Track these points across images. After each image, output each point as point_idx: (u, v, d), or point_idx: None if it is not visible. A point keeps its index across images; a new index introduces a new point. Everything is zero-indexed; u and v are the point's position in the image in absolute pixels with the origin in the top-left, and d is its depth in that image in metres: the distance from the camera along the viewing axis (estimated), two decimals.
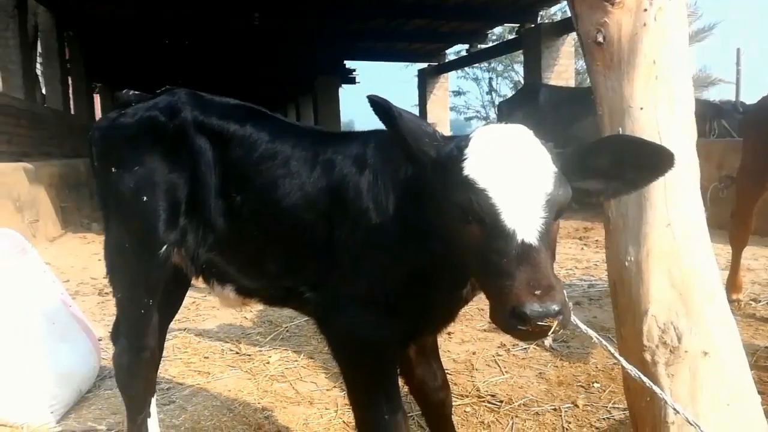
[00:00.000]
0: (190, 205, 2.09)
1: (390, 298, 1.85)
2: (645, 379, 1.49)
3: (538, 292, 1.26)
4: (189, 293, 5.24)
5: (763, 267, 5.63)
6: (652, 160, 1.53)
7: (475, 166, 1.44)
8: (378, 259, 1.86)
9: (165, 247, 2.08)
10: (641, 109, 1.91)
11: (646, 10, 1.89)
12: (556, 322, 1.26)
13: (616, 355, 1.57)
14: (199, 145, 2.07)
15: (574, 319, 1.43)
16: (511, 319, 1.28)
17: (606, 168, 1.55)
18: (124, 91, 2.30)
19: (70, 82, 15.34)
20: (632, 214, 1.84)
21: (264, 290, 2.13)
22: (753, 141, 4.14)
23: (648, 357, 1.59)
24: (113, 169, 2.14)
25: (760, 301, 4.48)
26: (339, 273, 1.89)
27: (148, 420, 2.41)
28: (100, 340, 3.55)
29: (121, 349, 2.28)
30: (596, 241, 7.43)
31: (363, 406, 1.93)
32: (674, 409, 1.47)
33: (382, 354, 1.88)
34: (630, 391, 1.68)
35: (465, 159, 1.46)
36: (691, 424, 1.41)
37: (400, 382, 2.08)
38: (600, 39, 1.97)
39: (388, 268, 1.85)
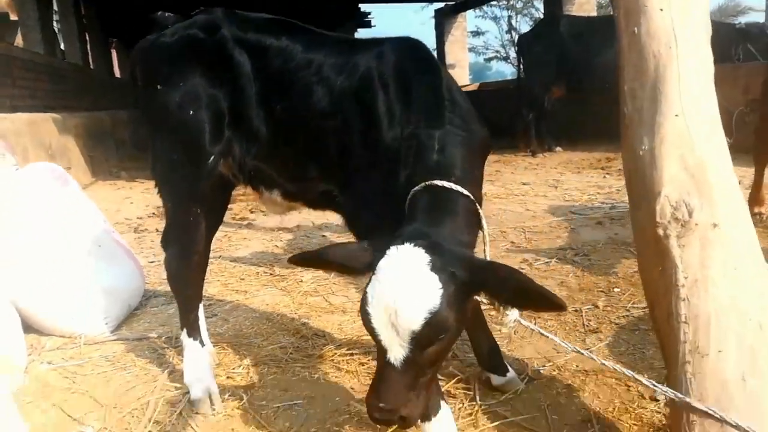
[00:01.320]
0: (234, 116, 2.22)
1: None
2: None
3: (381, 405, 1.52)
4: (221, 228, 5.56)
5: None
6: (545, 306, 1.60)
7: (370, 290, 1.57)
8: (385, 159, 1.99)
9: (212, 157, 2.23)
10: (661, 10, 1.98)
11: None
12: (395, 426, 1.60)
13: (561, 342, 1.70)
14: (238, 58, 2.19)
15: (520, 320, 1.63)
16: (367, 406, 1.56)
17: (504, 297, 1.59)
18: (160, 13, 2.42)
19: (87, 38, 15.42)
20: (647, 107, 1.93)
21: (305, 193, 2.30)
22: None
23: (661, 232, 1.70)
24: (158, 87, 2.27)
25: None
26: (360, 172, 2.04)
27: (199, 322, 2.62)
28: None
29: (172, 253, 2.45)
30: (618, 170, 7.46)
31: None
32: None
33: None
34: (643, 265, 1.80)
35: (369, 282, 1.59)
36: None
37: None
38: None
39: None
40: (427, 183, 1.79)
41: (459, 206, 1.79)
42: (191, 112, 2.21)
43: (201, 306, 2.68)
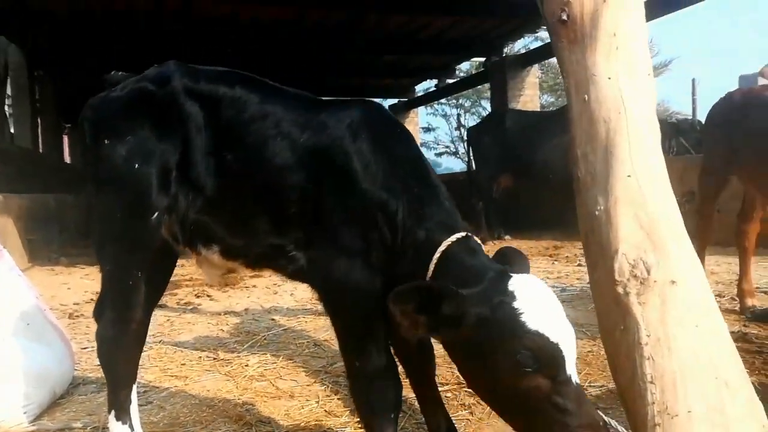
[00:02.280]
0: (181, 169, 2.14)
1: (372, 255, 1.94)
2: None
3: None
4: (162, 312, 5.28)
5: (725, 270, 5.81)
6: None
7: (537, 321, 1.64)
8: (361, 219, 1.96)
9: (157, 213, 2.12)
10: (609, 78, 2.06)
11: None
12: None
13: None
14: (189, 110, 2.14)
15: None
16: None
17: None
18: (113, 72, 2.37)
19: (39, 122, 15.24)
20: (600, 169, 1.95)
21: (250, 249, 2.17)
22: (710, 140, 4.36)
23: (620, 290, 1.66)
24: (105, 141, 2.18)
25: (724, 296, 4.62)
26: (328, 229, 1.97)
27: (131, 406, 2.38)
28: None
29: (106, 321, 2.25)
30: (566, 257, 7.58)
31: (356, 351, 1.98)
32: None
33: (373, 301, 1.94)
34: (604, 327, 1.74)
35: (522, 314, 1.64)
36: None
37: None
38: (564, 17, 2.11)
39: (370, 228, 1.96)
40: (459, 236, 1.91)
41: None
42: (137, 165, 2.12)
43: (135, 389, 2.44)
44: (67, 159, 20.52)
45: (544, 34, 14.32)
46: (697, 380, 1.50)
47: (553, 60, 17.93)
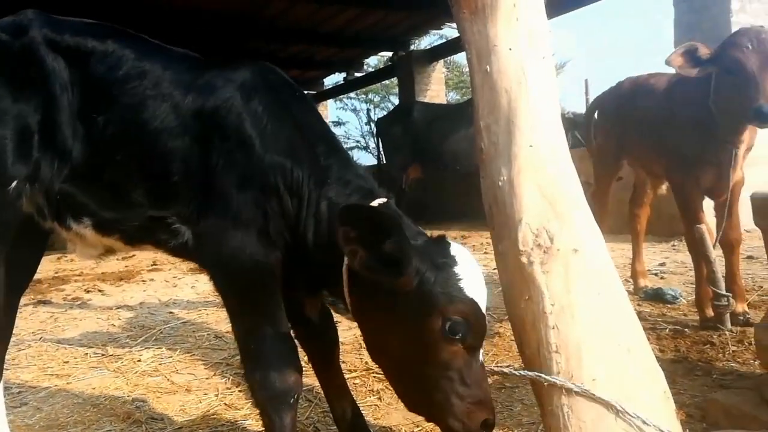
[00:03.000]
0: (44, 132, 1.88)
1: (269, 226, 1.80)
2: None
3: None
4: (46, 308, 4.84)
5: (619, 255, 6.10)
6: None
7: (474, 291, 1.64)
8: (257, 187, 1.81)
9: (15, 183, 1.85)
10: (509, 49, 2.03)
11: None
12: None
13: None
14: (51, 65, 1.88)
15: None
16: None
17: None
18: None
19: None
20: (502, 140, 1.92)
21: (126, 222, 1.94)
22: (602, 127, 4.55)
23: (524, 260, 1.63)
24: None
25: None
26: (218, 199, 1.80)
27: None
28: None
29: None
30: (473, 246, 7.72)
31: (251, 333, 1.82)
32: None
33: (267, 274, 1.81)
34: (509, 298, 1.71)
35: (461, 280, 1.63)
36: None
37: None
38: None
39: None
40: (381, 201, 1.82)
41: None
42: None
43: (1, 387, 2.17)
44: None
45: (449, 32, 14.57)
46: (600, 347, 1.48)
47: (459, 57, 18.37)
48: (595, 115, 4.70)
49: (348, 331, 3.76)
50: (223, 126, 1.83)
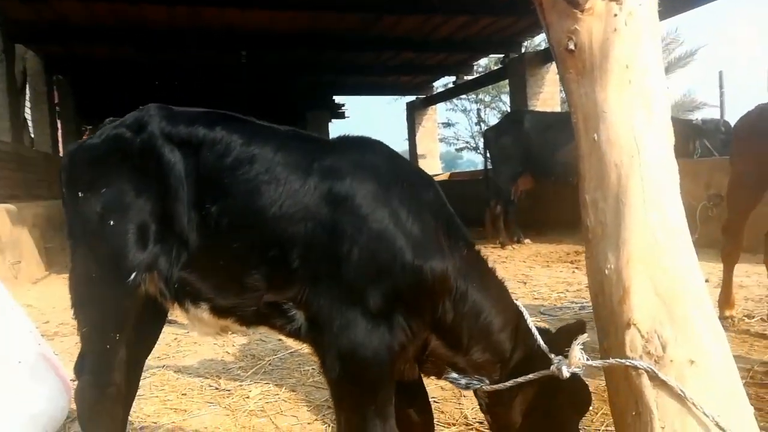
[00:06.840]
0: (162, 224, 1.96)
1: (402, 313, 1.79)
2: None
3: None
4: (170, 329, 5.18)
5: (755, 283, 5.53)
6: None
7: None
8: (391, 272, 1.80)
9: (134, 274, 1.95)
10: (621, 116, 1.85)
11: (616, 15, 1.85)
12: None
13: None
14: (168, 157, 1.95)
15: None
16: None
17: None
18: (108, 119, 2.19)
19: (59, 125, 15.36)
20: (610, 221, 1.75)
21: (242, 307, 1.97)
22: (743, 154, 4.07)
23: (631, 369, 1.48)
24: (80, 194, 2.03)
25: (754, 317, 4.36)
26: (343, 286, 1.79)
27: None
28: (73, 380, 3.39)
29: (84, 384, 2.13)
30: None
31: (356, 425, 1.80)
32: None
33: (387, 374, 1.79)
34: (615, 407, 1.56)
35: None
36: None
37: None
38: (571, 46, 1.92)
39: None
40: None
41: None
42: (112, 222, 1.96)
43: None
44: None
45: None
46: None
47: None
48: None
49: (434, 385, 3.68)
50: (358, 215, 1.82)
